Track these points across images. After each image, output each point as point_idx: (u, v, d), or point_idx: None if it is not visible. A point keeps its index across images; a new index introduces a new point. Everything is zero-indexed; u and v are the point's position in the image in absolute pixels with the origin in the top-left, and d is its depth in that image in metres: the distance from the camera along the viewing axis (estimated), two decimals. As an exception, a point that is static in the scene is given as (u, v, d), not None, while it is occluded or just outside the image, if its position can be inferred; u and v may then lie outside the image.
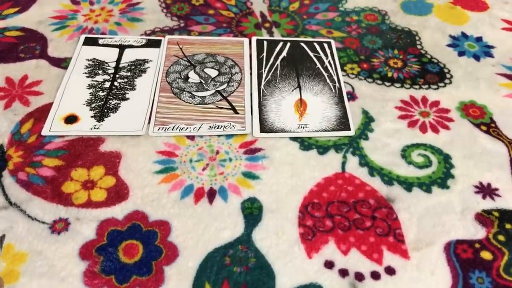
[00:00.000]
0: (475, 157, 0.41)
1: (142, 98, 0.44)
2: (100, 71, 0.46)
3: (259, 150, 0.40)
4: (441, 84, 0.48)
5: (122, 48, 0.49)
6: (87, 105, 0.43)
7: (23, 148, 0.39)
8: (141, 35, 0.51)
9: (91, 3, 0.55)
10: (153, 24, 0.53)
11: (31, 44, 0.49)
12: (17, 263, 0.32)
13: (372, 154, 0.41)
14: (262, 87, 0.46)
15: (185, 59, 0.48)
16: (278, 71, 0.48)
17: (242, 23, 0.54)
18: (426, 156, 0.41)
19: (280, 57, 0.49)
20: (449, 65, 0.50)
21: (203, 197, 0.37)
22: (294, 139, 0.42)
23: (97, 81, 0.45)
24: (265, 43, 0.51)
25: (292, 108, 0.44)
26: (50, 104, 0.43)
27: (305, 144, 0.41)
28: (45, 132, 0.40)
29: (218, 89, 0.46)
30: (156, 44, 0.50)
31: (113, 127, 0.41)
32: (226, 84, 0.46)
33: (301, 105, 0.44)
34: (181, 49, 0.50)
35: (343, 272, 0.33)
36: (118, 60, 0.48)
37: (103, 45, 0.49)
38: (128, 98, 0.44)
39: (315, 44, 0.51)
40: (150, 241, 0.34)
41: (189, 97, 0.44)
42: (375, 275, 0.33)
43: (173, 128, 0.41)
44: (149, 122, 0.42)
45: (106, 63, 0.47)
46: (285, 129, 0.42)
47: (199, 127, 0.42)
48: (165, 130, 0.41)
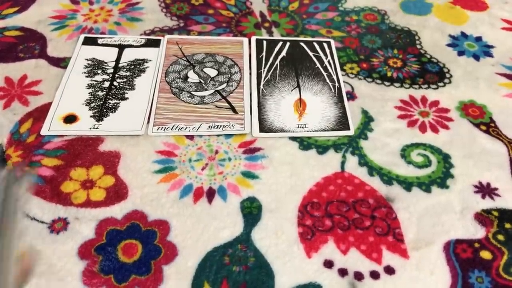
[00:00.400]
0: (475, 156, 0.41)
1: (141, 98, 0.44)
2: (99, 71, 0.46)
3: (258, 149, 0.40)
4: (441, 83, 0.48)
5: (121, 47, 0.49)
6: (86, 105, 0.43)
7: (22, 148, 0.39)
8: (141, 34, 0.51)
9: (91, 3, 0.55)
10: (153, 24, 0.53)
11: (30, 44, 0.49)
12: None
13: (371, 154, 0.41)
14: (261, 86, 0.46)
15: (185, 59, 0.48)
16: (278, 71, 0.48)
17: (242, 22, 0.54)
18: (425, 156, 0.41)
19: (280, 57, 0.49)
20: (449, 64, 0.50)
21: (202, 196, 0.37)
22: (293, 138, 0.42)
23: (97, 81, 0.45)
24: (265, 42, 0.51)
25: (291, 108, 0.44)
26: (49, 104, 0.43)
27: (305, 143, 0.41)
28: (44, 131, 0.40)
29: (218, 88, 0.45)
30: (155, 43, 0.50)
31: (112, 127, 0.41)
32: (225, 84, 0.46)
33: (301, 104, 0.44)
34: (180, 48, 0.50)
35: (343, 272, 0.33)
36: (118, 60, 0.48)
37: (103, 44, 0.49)
38: (127, 98, 0.44)
39: (315, 43, 0.51)
40: (149, 241, 0.34)
41: (188, 96, 0.44)
42: (375, 275, 0.33)
43: (172, 127, 0.41)
44: (148, 122, 0.42)
45: (106, 62, 0.47)
46: (284, 128, 0.42)
47: (198, 127, 0.42)
48: (164, 130, 0.41)
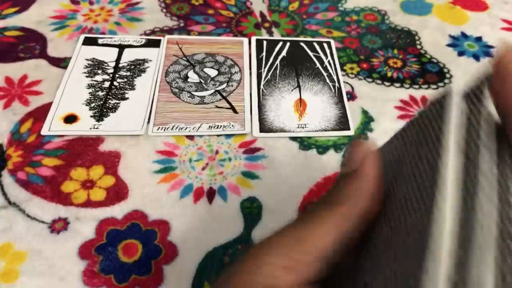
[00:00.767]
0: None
1: (141, 98, 0.44)
2: (99, 71, 0.46)
3: (258, 149, 0.40)
4: (441, 84, 0.48)
5: (121, 47, 0.49)
6: (86, 105, 0.43)
7: (22, 148, 0.39)
8: (141, 35, 0.51)
9: (91, 3, 0.55)
10: (153, 24, 0.53)
11: (30, 44, 0.49)
12: (16, 262, 0.32)
13: (371, 154, 0.41)
14: (261, 86, 0.46)
15: (185, 59, 0.48)
16: (278, 71, 0.48)
17: (242, 23, 0.54)
18: (425, 156, 0.41)
19: (280, 57, 0.49)
20: (449, 65, 0.50)
21: (202, 196, 0.37)
22: (293, 138, 0.42)
23: (97, 81, 0.45)
24: (265, 42, 0.51)
25: (291, 108, 0.44)
26: (50, 104, 0.43)
27: (305, 143, 0.41)
28: (44, 131, 0.40)
29: (218, 88, 0.46)
30: (155, 44, 0.50)
31: (112, 127, 0.41)
32: (225, 84, 0.46)
33: (301, 104, 0.44)
34: (180, 48, 0.50)
35: (343, 272, 0.33)
36: (118, 60, 0.48)
37: (103, 44, 0.49)
38: (127, 98, 0.44)
39: (315, 44, 0.51)
40: (149, 241, 0.34)
41: (189, 96, 0.44)
42: (375, 275, 0.33)
43: (173, 127, 0.41)
44: (148, 122, 0.42)
45: (106, 62, 0.47)
46: (284, 128, 0.42)
47: (199, 127, 0.42)
48: (164, 130, 0.41)
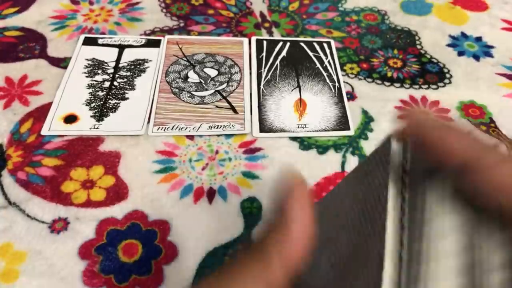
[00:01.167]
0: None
1: (141, 98, 0.44)
2: (99, 71, 0.46)
3: (258, 149, 0.40)
4: (441, 84, 0.48)
5: (121, 48, 0.49)
6: (86, 105, 0.43)
7: (22, 148, 0.39)
8: (141, 35, 0.51)
9: (91, 3, 0.55)
10: (153, 24, 0.53)
11: (30, 44, 0.49)
12: (16, 263, 0.32)
13: (371, 154, 0.41)
14: (261, 86, 0.46)
15: (185, 59, 0.48)
16: (278, 71, 0.48)
17: (242, 23, 0.54)
18: (425, 156, 0.41)
19: (280, 57, 0.49)
20: (449, 65, 0.50)
21: (202, 196, 0.37)
22: (293, 138, 0.42)
23: (97, 81, 0.45)
24: (265, 42, 0.51)
25: (291, 108, 0.44)
26: (50, 104, 0.43)
27: (305, 144, 0.41)
28: (44, 131, 0.40)
29: (218, 88, 0.45)
30: (155, 44, 0.50)
31: (112, 127, 0.41)
32: (225, 84, 0.46)
33: (301, 104, 0.44)
34: (180, 49, 0.50)
35: (343, 272, 0.33)
36: (118, 60, 0.48)
37: (103, 45, 0.49)
38: (127, 98, 0.44)
39: (315, 44, 0.51)
40: (149, 241, 0.34)
41: (189, 96, 0.44)
42: (375, 275, 0.33)
43: (173, 127, 0.41)
44: (148, 122, 0.42)
45: (106, 63, 0.47)
46: (284, 128, 0.42)
47: (199, 127, 0.42)
48: (164, 130, 0.41)
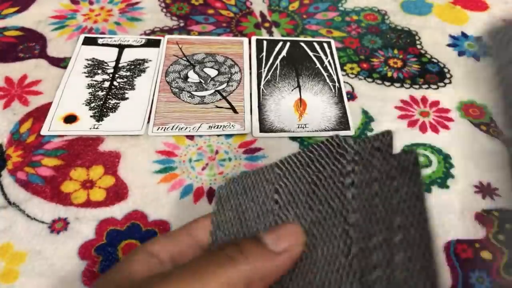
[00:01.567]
0: (475, 157, 0.41)
1: (141, 98, 0.44)
2: (99, 71, 0.46)
3: (258, 149, 0.40)
4: (441, 84, 0.48)
5: (121, 47, 0.49)
6: (86, 105, 0.43)
7: (22, 148, 0.39)
8: (141, 34, 0.51)
9: (91, 3, 0.55)
10: (153, 24, 0.53)
11: (30, 44, 0.49)
12: (16, 263, 0.32)
13: (371, 154, 0.41)
14: (261, 86, 0.46)
15: (185, 59, 0.48)
16: (278, 71, 0.48)
17: (242, 22, 0.54)
18: (426, 156, 0.41)
19: (280, 57, 0.49)
20: (449, 65, 0.50)
21: (202, 196, 0.37)
22: (293, 138, 0.41)
23: (97, 81, 0.45)
24: (265, 42, 0.51)
25: (291, 108, 0.44)
26: (49, 104, 0.43)
27: (305, 144, 0.41)
28: (44, 131, 0.40)
29: (218, 88, 0.45)
30: (155, 43, 0.50)
31: (112, 127, 0.41)
32: (225, 84, 0.46)
33: (301, 104, 0.44)
34: (180, 48, 0.49)
35: (343, 272, 0.33)
36: (118, 60, 0.48)
37: (103, 44, 0.49)
38: (127, 98, 0.44)
39: (315, 43, 0.51)
40: (149, 241, 0.34)
41: (189, 96, 0.44)
42: (375, 275, 0.33)
43: (173, 127, 0.41)
44: (148, 122, 0.42)
45: (106, 62, 0.47)
46: (284, 128, 0.42)
47: (199, 127, 0.41)
48: (164, 130, 0.41)
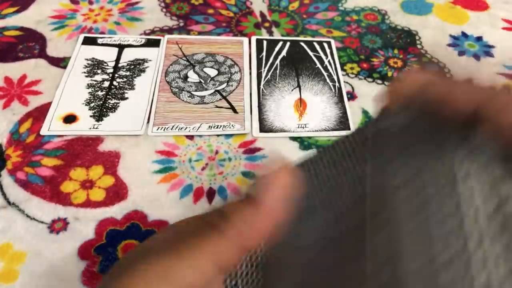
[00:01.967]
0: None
1: (141, 98, 0.44)
2: (99, 71, 0.46)
3: (258, 149, 0.40)
4: (441, 83, 0.48)
5: (121, 47, 0.49)
6: (86, 105, 0.43)
7: (22, 148, 0.39)
8: (140, 34, 0.51)
9: (90, 3, 0.55)
10: (153, 24, 0.53)
11: (30, 44, 0.49)
12: (16, 263, 0.32)
13: (371, 154, 0.41)
14: (261, 86, 0.46)
15: (185, 59, 0.48)
16: (278, 71, 0.48)
17: (242, 22, 0.54)
18: (426, 156, 0.41)
19: (280, 57, 0.49)
20: (449, 64, 0.50)
21: (202, 196, 0.37)
22: (293, 138, 0.41)
23: (96, 81, 0.45)
24: (265, 42, 0.51)
25: (291, 108, 0.44)
26: (49, 104, 0.43)
27: (305, 144, 0.41)
28: (44, 131, 0.40)
29: (218, 88, 0.45)
30: (155, 43, 0.50)
31: (112, 127, 0.41)
32: (225, 84, 0.46)
33: (301, 104, 0.44)
34: (180, 48, 0.49)
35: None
36: (117, 60, 0.47)
37: (102, 44, 0.49)
38: (127, 98, 0.44)
39: (315, 43, 0.51)
40: (149, 241, 0.34)
41: (188, 96, 0.44)
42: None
43: (172, 127, 0.41)
44: (148, 122, 0.42)
45: (105, 62, 0.47)
46: (284, 128, 0.42)
47: (198, 127, 0.41)
48: (164, 130, 0.41)
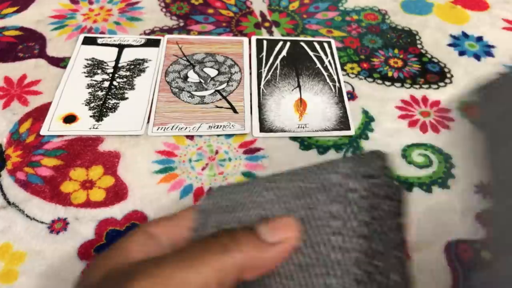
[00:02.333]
0: (476, 157, 0.41)
1: (141, 98, 0.44)
2: (99, 71, 0.46)
3: (258, 149, 0.40)
4: (442, 83, 0.48)
5: (121, 47, 0.49)
6: (86, 105, 0.43)
7: (21, 148, 0.39)
8: (140, 34, 0.51)
9: (90, 3, 0.55)
10: (152, 24, 0.53)
11: (30, 44, 0.49)
12: (16, 263, 0.32)
13: (372, 154, 0.41)
14: (261, 86, 0.46)
15: (185, 59, 0.48)
16: (278, 71, 0.48)
17: (242, 22, 0.54)
18: (426, 156, 0.41)
19: (280, 57, 0.49)
20: (450, 64, 0.50)
21: (202, 197, 0.37)
22: (294, 138, 0.41)
23: (96, 81, 0.45)
24: (265, 42, 0.51)
25: (291, 108, 0.44)
26: (49, 104, 0.43)
27: (305, 144, 0.41)
28: (43, 131, 0.40)
29: (218, 88, 0.45)
30: (155, 43, 0.50)
31: (112, 127, 0.41)
32: (225, 84, 0.46)
33: (301, 104, 0.44)
34: (180, 48, 0.49)
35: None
36: (117, 60, 0.47)
37: (102, 44, 0.49)
38: (127, 98, 0.44)
39: (315, 43, 0.51)
40: (149, 241, 0.34)
41: (189, 96, 0.44)
42: (375, 276, 0.33)
43: (172, 127, 0.41)
44: (148, 122, 0.42)
45: (105, 62, 0.47)
46: (284, 128, 0.42)
47: (199, 127, 0.41)
48: (164, 130, 0.41)
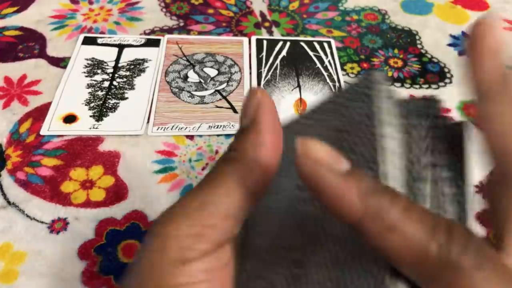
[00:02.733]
0: (476, 157, 0.41)
1: (141, 98, 0.44)
2: (99, 71, 0.46)
3: (258, 149, 0.40)
4: (442, 83, 0.48)
5: (121, 47, 0.49)
6: (86, 105, 0.43)
7: (21, 148, 0.39)
8: (140, 34, 0.51)
9: (90, 3, 0.55)
10: (152, 24, 0.53)
11: (30, 44, 0.49)
12: (16, 263, 0.32)
13: (372, 154, 0.40)
14: (261, 86, 0.46)
15: (185, 59, 0.48)
16: (278, 71, 0.48)
17: (242, 22, 0.54)
18: (426, 156, 0.41)
19: (280, 57, 0.49)
20: (450, 64, 0.50)
21: (202, 196, 0.37)
22: (293, 138, 0.41)
23: (96, 81, 0.45)
24: (265, 42, 0.51)
25: (291, 108, 0.44)
26: (49, 104, 0.43)
27: (305, 143, 0.41)
28: (43, 131, 0.40)
29: (218, 88, 0.45)
30: (155, 43, 0.50)
31: (112, 127, 0.41)
32: (225, 84, 0.46)
33: (301, 104, 0.44)
34: (180, 48, 0.49)
35: (343, 272, 0.33)
36: (117, 60, 0.47)
37: (102, 44, 0.49)
38: (127, 98, 0.44)
39: (315, 43, 0.51)
40: (149, 241, 0.34)
41: (188, 96, 0.44)
42: (375, 275, 0.33)
43: (172, 127, 0.41)
44: (148, 122, 0.42)
45: (105, 62, 0.47)
46: (284, 128, 0.42)
47: (198, 127, 0.41)
48: (164, 130, 0.41)
